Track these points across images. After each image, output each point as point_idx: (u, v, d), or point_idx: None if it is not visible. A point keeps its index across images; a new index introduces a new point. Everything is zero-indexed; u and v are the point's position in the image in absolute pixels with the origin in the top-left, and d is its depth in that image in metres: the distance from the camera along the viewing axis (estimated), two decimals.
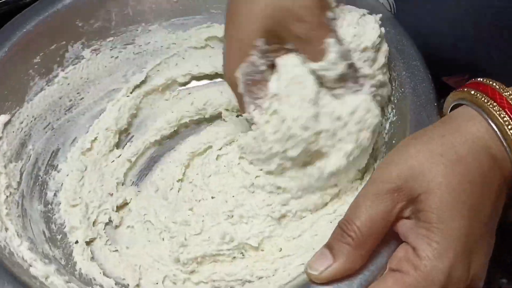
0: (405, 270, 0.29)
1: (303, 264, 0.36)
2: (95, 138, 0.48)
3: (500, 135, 0.31)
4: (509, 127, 0.30)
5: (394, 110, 0.41)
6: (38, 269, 0.35)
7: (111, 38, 0.50)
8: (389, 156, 0.32)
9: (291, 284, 0.35)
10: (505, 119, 0.30)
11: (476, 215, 0.30)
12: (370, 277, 0.31)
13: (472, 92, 0.33)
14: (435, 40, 0.43)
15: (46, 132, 0.46)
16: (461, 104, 0.33)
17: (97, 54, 0.49)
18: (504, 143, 0.31)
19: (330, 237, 0.31)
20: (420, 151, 0.31)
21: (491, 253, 0.32)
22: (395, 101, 0.41)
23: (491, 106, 0.31)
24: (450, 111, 0.35)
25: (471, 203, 0.29)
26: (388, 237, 0.31)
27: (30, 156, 0.45)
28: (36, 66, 0.45)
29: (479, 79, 0.34)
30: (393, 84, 0.41)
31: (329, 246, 0.31)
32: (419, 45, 0.42)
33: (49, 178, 0.45)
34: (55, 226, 0.43)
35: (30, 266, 0.36)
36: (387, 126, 0.42)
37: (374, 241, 0.31)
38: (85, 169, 0.46)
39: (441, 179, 0.29)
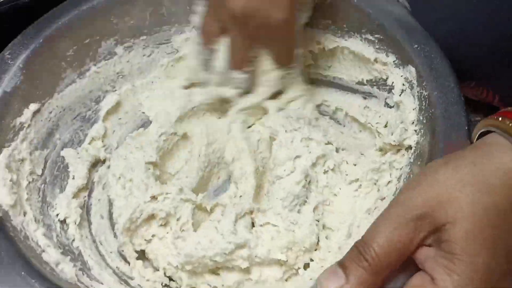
0: None
1: None
2: None
3: None
4: None
5: (422, 131, 0.40)
6: (51, 255, 0.36)
7: (144, 37, 0.50)
8: (416, 179, 0.31)
9: None
10: None
11: (502, 250, 0.28)
12: None
13: (500, 119, 0.31)
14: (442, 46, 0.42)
15: (74, 123, 0.47)
16: (490, 131, 0.32)
17: (129, 52, 0.50)
18: None
19: (345, 255, 0.30)
20: (448, 179, 0.29)
21: None
22: (424, 121, 0.40)
23: None
24: (478, 137, 0.34)
25: (497, 237, 0.28)
26: (408, 263, 0.30)
27: (56, 145, 0.46)
28: (68, 59, 0.46)
29: (508, 107, 0.32)
30: (423, 104, 0.40)
31: (343, 265, 0.30)
32: None
33: None
34: None
35: (43, 251, 0.36)
36: (413, 145, 0.40)
37: (391, 268, 0.29)
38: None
39: (468, 210, 0.28)
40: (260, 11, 0.40)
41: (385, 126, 0.45)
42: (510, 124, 0.31)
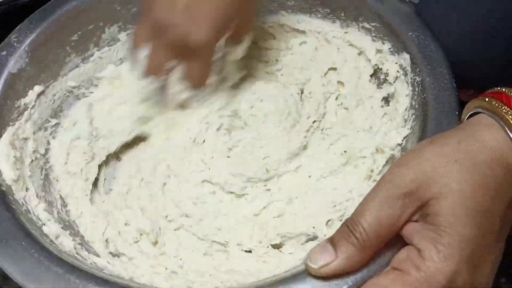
0: (406, 269, 0.28)
1: None
2: None
3: None
4: None
5: (413, 116, 0.41)
6: (51, 228, 0.37)
7: None
8: (403, 158, 0.32)
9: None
10: None
11: (486, 224, 0.29)
12: (367, 276, 0.31)
13: (487, 99, 0.32)
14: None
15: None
16: (479, 112, 0.33)
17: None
18: None
19: (335, 232, 0.31)
20: (434, 156, 0.30)
21: (498, 262, 0.31)
22: (416, 106, 0.40)
23: (504, 111, 0.30)
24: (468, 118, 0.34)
25: (482, 211, 0.29)
26: (395, 241, 0.31)
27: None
28: (73, 44, 0.48)
29: (496, 88, 0.33)
30: (416, 89, 0.41)
31: (332, 242, 0.31)
32: None
33: None
34: None
35: (44, 225, 0.38)
36: (406, 130, 0.41)
37: (379, 245, 0.30)
38: None
39: (453, 185, 0.29)
40: (180, 27, 0.40)
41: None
42: (496, 104, 0.32)
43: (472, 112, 0.34)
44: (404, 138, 0.41)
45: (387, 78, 0.45)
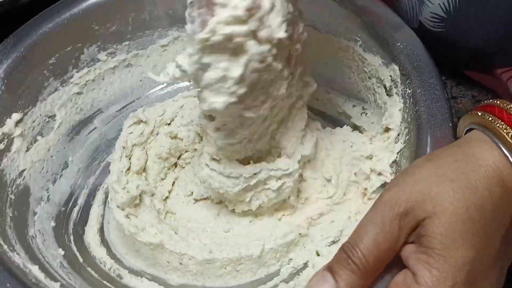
0: None
1: None
2: None
3: (510, 158, 0.29)
4: None
5: (407, 129, 0.40)
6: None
7: (127, 42, 0.50)
8: (398, 178, 0.31)
9: None
10: None
11: (483, 246, 0.28)
12: None
13: (480, 114, 0.32)
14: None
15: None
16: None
17: (112, 57, 0.50)
18: None
19: (332, 259, 0.30)
20: (430, 175, 0.30)
21: (501, 284, 0.30)
22: (408, 119, 0.40)
23: (498, 126, 0.30)
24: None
25: (478, 233, 0.28)
26: (393, 263, 0.30)
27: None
28: (51, 67, 0.46)
29: (487, 101, 0.33)
30: (408, 102, 0.40)
31: (331, 269, 0.30)
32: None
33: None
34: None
35: None
36: (400, 145, 0.40)
37: (379, 269, 0.29)
38: None
39: (447, 205, 0.28)
40: None
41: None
42: (490, 119, 0.31)
43: (468, 128, 0.33)
44: (397, 152, 0.40)
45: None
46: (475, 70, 0.48)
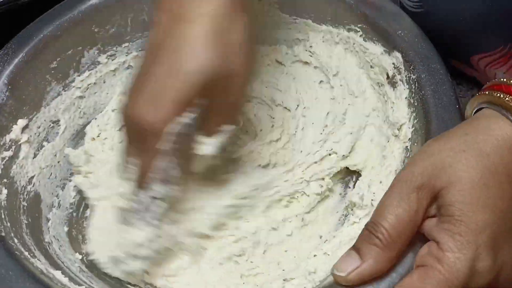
0: (429, 264, 0.29)
1: None
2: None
3: None
4: None
5: (414, 114, 0.41)
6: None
7: (126, 44, 0.50)
8: (413, 156, 0.32)
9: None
10: None
11: (501, 209, 0.29)
12: (397, 279, 0.30)
13: (487, 93, 0.33)
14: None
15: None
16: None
17: (112, 60, 0.49)
18: None
19: (357, 239, 0.31)
20: (442, 149, 0.31)
21: None
22: (415, 104, 0.41)
23: (507, 100, 0.31)
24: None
25: (495, 197, 0.29)
26: (415, 240, 0.31)
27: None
28: (53, 71, 0.45)
29: (493, 80, 0.34)
30: (413, 87, 0.41)
31: (356, 247, 0.31)
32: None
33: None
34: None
35: None
36: (409, 130, 0.41)
37: (403, 243, 0.30)
38: None
39: (461, 173, 0.29)
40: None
41: None
42: (498, 95, 0.32)
43: (476, 109, 0.35)
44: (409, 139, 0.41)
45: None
46: (455, 58, 0.50)
